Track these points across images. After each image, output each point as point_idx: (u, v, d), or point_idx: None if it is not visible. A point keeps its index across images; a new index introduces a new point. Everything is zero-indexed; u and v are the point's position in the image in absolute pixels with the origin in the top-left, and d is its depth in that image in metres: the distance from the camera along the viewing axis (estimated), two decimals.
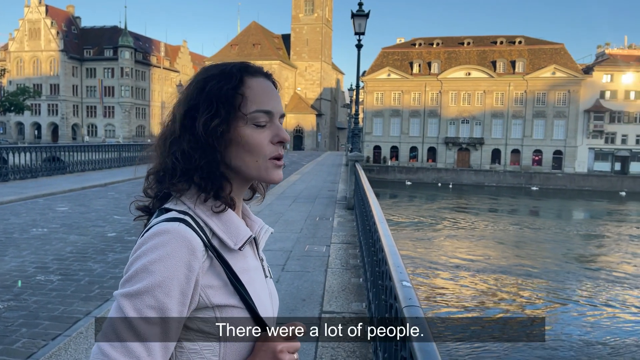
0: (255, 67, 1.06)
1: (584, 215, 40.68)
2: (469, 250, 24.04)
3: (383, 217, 4.14)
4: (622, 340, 13.40)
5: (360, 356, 4.11)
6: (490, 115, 62.65)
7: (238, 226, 0.99)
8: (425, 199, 45.29)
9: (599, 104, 58.99)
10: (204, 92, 0.99)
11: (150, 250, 0.88)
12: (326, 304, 5.20)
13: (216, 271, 0.93)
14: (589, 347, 12.86)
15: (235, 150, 0.99)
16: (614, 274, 20.54)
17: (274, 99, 1.03)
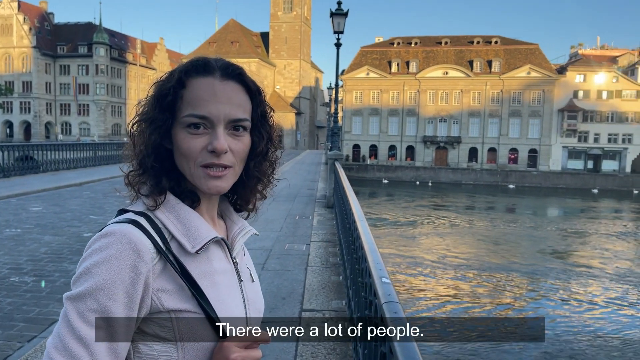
0: (214, 63, 0.98)
1: (559, 213, 41.59)
2: (448, 248, 24.36)
3: (363, 215, 4.18)
4: (598, 334, 13.77)
5: (340, 353, 4.14)
6: (468, 114, 63.53)
7: (198, 228, 0.95)
8: (404, 197, 45.70)
9: (572, 104, 60.35)
10: (151, 93, 0.98)
11: (95, 252, 0.86)
12: (306, 302, 5.22)
13: (170, 275, 0.89)
14: (566, 343, 13.18)
15: (176, 152, 0.96)
16: (588, 269, 21.07)
17: (218, 102, 0.94)
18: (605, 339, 13.40)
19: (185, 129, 0.94)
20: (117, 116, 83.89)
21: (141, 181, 0.97)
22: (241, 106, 0.97)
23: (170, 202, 0.96)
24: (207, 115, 0.93)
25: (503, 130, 62.67)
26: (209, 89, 0.95)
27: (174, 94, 0.95)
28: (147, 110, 0.97)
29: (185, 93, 0.95)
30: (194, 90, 0.95)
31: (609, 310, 15.69)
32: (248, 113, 0.99)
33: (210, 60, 0.98)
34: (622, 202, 47.66)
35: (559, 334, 13.61)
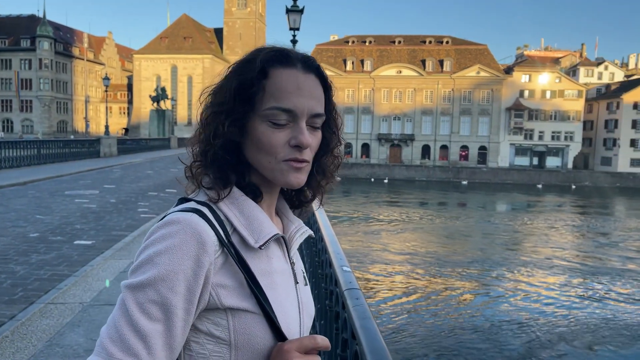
0: (295, 54, 0.93)
1: (507, 207, 43.30)
2: (403, 243, 24.88)
3: (322, 208, 4.21)
4: (545, 319, 14.47)
5: None
6: (421, 113, 64.99)
7: (262, 222, 0.90)
8: (360, 194, 46.27)
9: (518, 103, 62.89)
10: (227, 82, 0.91)
11: (158, 240, 0.82)
12: None
13: (231, 270, 0.84)
14: (516, 328, 13.76)
15: (251, 147, 0.90)
16: (534, 259, 22.08)
17: (301, 95, 0.89)
18: (551, 322, 14.10)
19: (267, 122, 0.88)
20: (63, 113, 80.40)
21: (204, 173, 0.91)
22: (320, 100, 0.94)
23: (234, 195, 0.91)
24: (292, 108, 0.88)
25: (454, 128, 64.53)
26: (293, 81, 0.89)
27: (257, 85, 0.88)
28: (224, 101, 0.89)
29: (268, 84, 0.88)
30: (278, 81, 0.89)
31: (553, 296, 16.52)
32: (323, 107, 0.95)
33: (290, 51, 0.93)
34: (564, 196, 50.17)
35: (504, 320, 14.20)
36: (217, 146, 0.89)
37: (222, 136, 0.89)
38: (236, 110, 0.88)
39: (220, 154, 0.90)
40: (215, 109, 0.90)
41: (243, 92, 0.89)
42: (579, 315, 15.00)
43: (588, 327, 14.05)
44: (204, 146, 0.91)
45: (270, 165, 0.90)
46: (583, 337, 13.34)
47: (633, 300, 16.59)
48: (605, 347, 12.73)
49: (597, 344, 12.84)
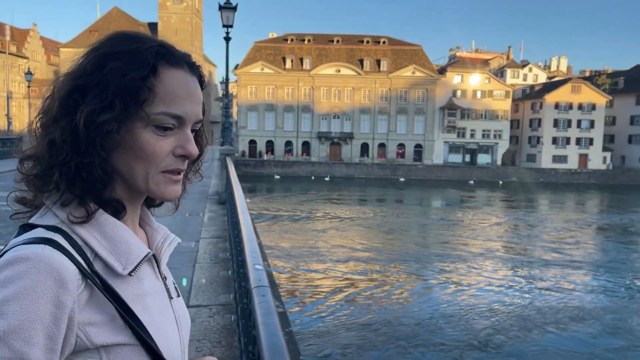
0: (180, 53, 0.83)
1: (442, 203, 45.00)
2: (343, 239, 25.24)
3: (246, 207, 4.24)
4: (479, 309, 15.19)
5: (225, 345, 4.17)
6: (359, 111, 66.10)
7: (129, 244, 0.78)
8: (301, 192, 46.43)
9: (452, 102, 65.48)
10: (101, 72, 0.77)
11: (3, 285, 0.67)
12: (193, 299, 5.17)
13: (99, 303, 0.73)
14: (452, 318, 14.36)
15: (123, 154, 0.78)
16: (467, 252, 23.13)
17: (192, 101, 0.81)
18: (485, 311, 14.84)
19: (151, 128, 0.77)
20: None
21: (50, 188, 0.77)
22: (201, 105, 0.85)
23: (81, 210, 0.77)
24: (182, 115, 0.79)
25: (391, 126, 66.19)
26: (183, 85, 0.80)
27: (146, 85, 0.77)
28: (98, 101, 0.75)
29: (157, 85, 0.78)
30: (169, 84, 0.79)
31: (486, 286, 17.41)
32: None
33: (174, 48, 0.84)
34: (493, 191, 52.86)
35: (442, 312, 14.79)
36: (85, 153, 0.77)
37: (79, 142, 0.76)
38: (115, 112, 0.75)
39: (72, 161, 0.76)
40: (88, 107, 0.76)
41: (129, 91, 0.76)
42: (511, 303, 15.86)
43: (520, 314, 14.89)
44: (56, 149, 0.77)
45: (146, 176, 0.79)
46: (517, 323, 14.12)
47: (558, 287, 17.76)
48: (538, 332, 13.55)
49: (529, 330, 13.65)
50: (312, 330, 13.14)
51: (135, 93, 0.76)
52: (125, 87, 0.75)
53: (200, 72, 0.86)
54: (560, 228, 30.92)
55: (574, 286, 18.10)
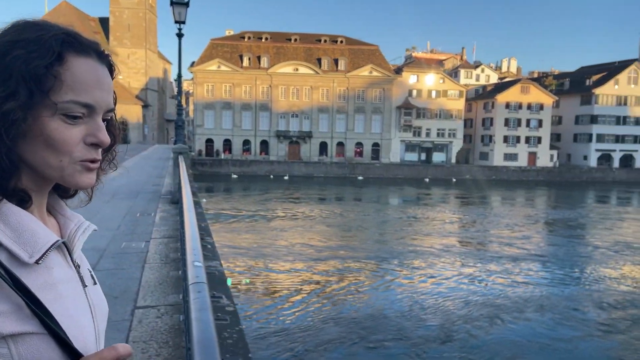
0: (86, 41, 0.83)
1: (399, 200, 45.79)
2: (301, 238, 25.26)
3: (192, 205, 4.19)
4: (435, 303, 15.55)
5: (173, 345, 4.09)
6: (317, 110, 66.32)
7: (35, 232, 0.77)
8: (260, 192, 46.13)
9: (408, 102, 66.71)
10: (4, 60, 0.75)
11: None
12: (140, 300, 5.04)
13: (4, 293, 0.71)
14: (410, 314, 14.63)
15: (32, 143, 0.77)
16: (425, 248, 23.64)
17: (102, 89, 0.81)
18: (444, 304, 15.21)
19: (60, 116, 0.76)
20: None
21: None
22: (112, 93, 0.85)
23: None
24: (93, 104, 0.79)
25: (349, 125, 66.77)
26: (93, 74, 0.80)
27: (51, 73, 0.76)
28: (1, 89, 0.73)
29: (64, 73, 0.77)
30: (77, 72, 0.78)
31: (443, 280, 17.84)
32: None
33: (82, 36, 0.83)
34: (448, 189, 54.26)
35: (399, 307, 15.06)
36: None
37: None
38: (19, 100, 0.73)
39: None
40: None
41: (33, 79, 0.74)
42: (467, 295, 16.31)
43: (476, 306, 15.34)
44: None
45: (60, 165, 0.78)
46: (473, 315, 14.53)
47: (510, 279, 18.41)
48: (493, 323, 13.98)
49: (485, 321, 14.08)
50: (272, 329, 13.10)
51: (40, 81, 0.75)
52: (29, 74, 0.74)
53: (109, 61, 0.86)
54: (512, 223, 32.08)
55: (525, 278, 18.83)
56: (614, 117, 68.54)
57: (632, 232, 30.90)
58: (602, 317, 14.92)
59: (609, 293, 17.28)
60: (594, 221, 34.69)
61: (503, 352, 12.24)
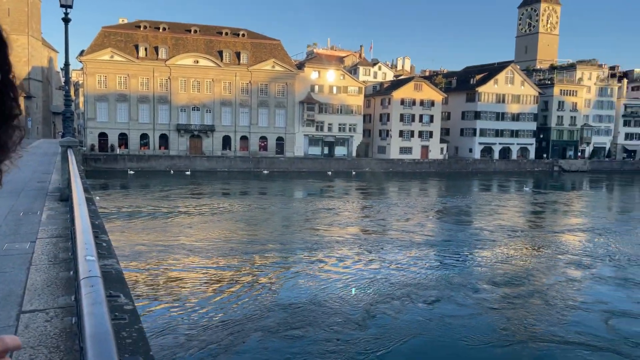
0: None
1: (303, 193, 46.47)
2: (206, 233, 24.74)
3: (84, 200, 4.03)
4: (340, 290, 16.07)
5: (65, 350, 3.92)
6: (220, 104, 65.01)
7: None
8: (160, 188, 44.28)
9: (310, 97, 67.76)
10: None
11: None
12: (27, 304, 4.74)
13: None
14: (320, 302, 14.98)
15: None
16: (330, 238, 24.31)
17: None
18: (348, 291, 15.78)
19: None
20: None
21: None
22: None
23: None
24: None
25: (253, 119, 66.33)
26: None
27: None
28: None
29: None
30: None
31: (346, 268, 18.51)
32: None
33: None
34: (349, 181, 56.15)
35: (305, 298, 15.40)
36: None
37: None
38: None
39: None
40: None
41: None
42: (370, 281, 17.06)
43: (383, 290, 16.10)
44: None
45: None
46: (375, 299, 15.24)
47: (409, 264, 19.57)
48: (394, 306, 14.78)
49: (385, 304, 14.84)
50: (177, 327, 12.77)
51: None
52: None
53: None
54: (408, 212, 34.07)
55: (422, 261, 20.16)
56: (494, 113, 75.28)
57: (510, 216, 34.32)
58: (491, 294, 16.48)
59: (495, 271, 19.11)
60: (479, 207, 37.99)
61: (408, 330, 13.08)
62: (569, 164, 76.54)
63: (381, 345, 12.31)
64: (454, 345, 12.51)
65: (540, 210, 39.27)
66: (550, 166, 76.24)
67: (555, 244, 24.89)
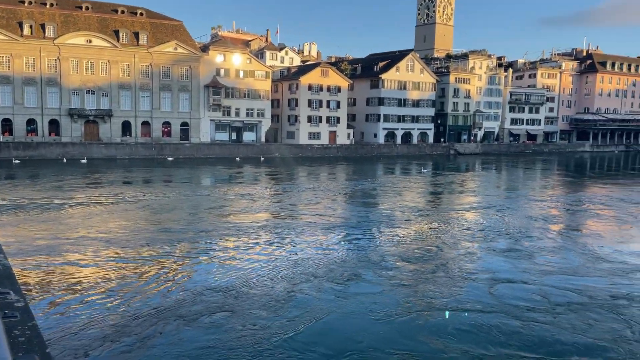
0: None
1: (212, 180, 45.43)
2: (107, 225, 23.34)
3: None
4: (248, 276, 15.99)
5: None
6: (118, 87, 61.18)
7: None
8: (52, 178, 40.84)
9: (216, 81, 66.01)
10: None
11: None
12: None
13: None
14: (224, 290, 14.78)
15: None
16: (241, 224, 24.04)
17: None
18: (262, 276, 15.74)
19: None
20: None
21: None
22: None
23: None
24: None
25: (155, 103, 63.28)
26: None
27: None
28: None
29: None
30: None
31: (258, 254, 18.46)
32: None
33: None
34: (259, 167, 55.86)
35: (218, 285, 15.16)
36: None
37: None
38: None
39: None
40: None
41: None
42: (285, 264, 17.17)
43: (295, 272, 16.26)
44: None
45: None
46: (294, 281, 15.37)
47: (321, 246, 19.96)
48: (312, 287, 15.00)
49: (305, 286, 15.03)
50: (77, 323, 12.00)
51: None
52: None
53: None
54: (318, 196, 34.69)
55: (333, 243, 20.70)
56: (397, 99, 78.72)
57: (413, 197, 36.33)
58: (398, 270, 17.38)
59: (402, 249, 20.17)
60: (385, 189, 39.74)
61: (322, 310, 13.41)
62: (463, 148, 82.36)
63: (296, 326, 12.55)
64: (364, 319, 13.12)
65: (440, 191, 41.98)
66: (447, 150, 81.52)
67: (454, 221, 26.82)
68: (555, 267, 18.22)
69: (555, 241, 23.01)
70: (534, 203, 34.12)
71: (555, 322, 13.11)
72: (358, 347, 11.52)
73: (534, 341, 12.00)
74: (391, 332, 12.42)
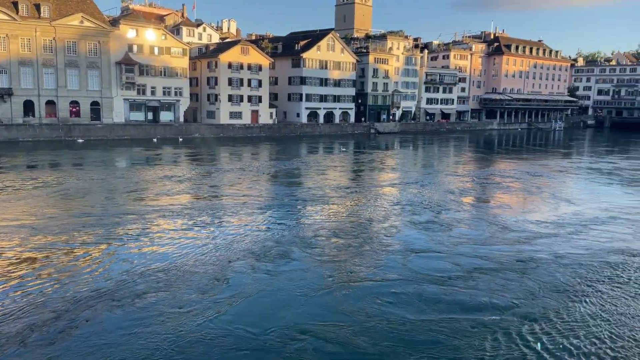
0: None
1: (127, 163, 43.18)
2: (8, 213, 21.50)
3: None
4: (179, 259, 15.49)
5: None
6: (18, 63, 55.94)
7: None
8: None
9: (128, 57, 62.29)
10: None
11: None
12: None
13: None
14: (146, 275, 14.23)
15: None
16: (161, 208, 23.13)
17: None
18: (186, 260, 15.30)
19: None
20: None
21: None
22: None
23: None
24: None
25: (61, 81, 58.65)
26: None
27: None
28: None
29: None
30: None
31: (182, 237, 17.92)
32: None
33: None
34: (178, 148, 53.93)
35: (138, 271, 14.57)
36: None
37: None
38: None
39: None
40: None
41: None
42: (207, 247, 16.80)
43: (219, 255, 15.95)
44: None
45: None
46: (218, 264, 15.08)
47: (244, 228, 19.76)
48: (238, 268, 14.81)
49: (231, 268, 14.80)
50: None
51: None
52: None
53: None
54: (241, 176, 34.23)
55: (257, 224, 20.58)
56: (318, 79, 79.01)
57: (336, 175, 36.97)
58: (323, 247, 17.68)
59: (327, 226, 20.51)
60: (308, 168, 40.04)
61: (252, 289, 13.36)
62: (383, 127, 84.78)
63: (222, 307, 12.45)
64: (290, 296, 13.32)
65: (362, 169, 43.06)
66: (368, 129, 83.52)
67: (376, 197, 27.70)
68: (469, 238, 19.48)
69: (469, 213, 24.58)
70: (449, 178, 36.08)
71: (470, 286, 14.10)
72: (281, 323, 11.65)
73: (451, 303, 12.86)
74: (314, 305, 12.74)
